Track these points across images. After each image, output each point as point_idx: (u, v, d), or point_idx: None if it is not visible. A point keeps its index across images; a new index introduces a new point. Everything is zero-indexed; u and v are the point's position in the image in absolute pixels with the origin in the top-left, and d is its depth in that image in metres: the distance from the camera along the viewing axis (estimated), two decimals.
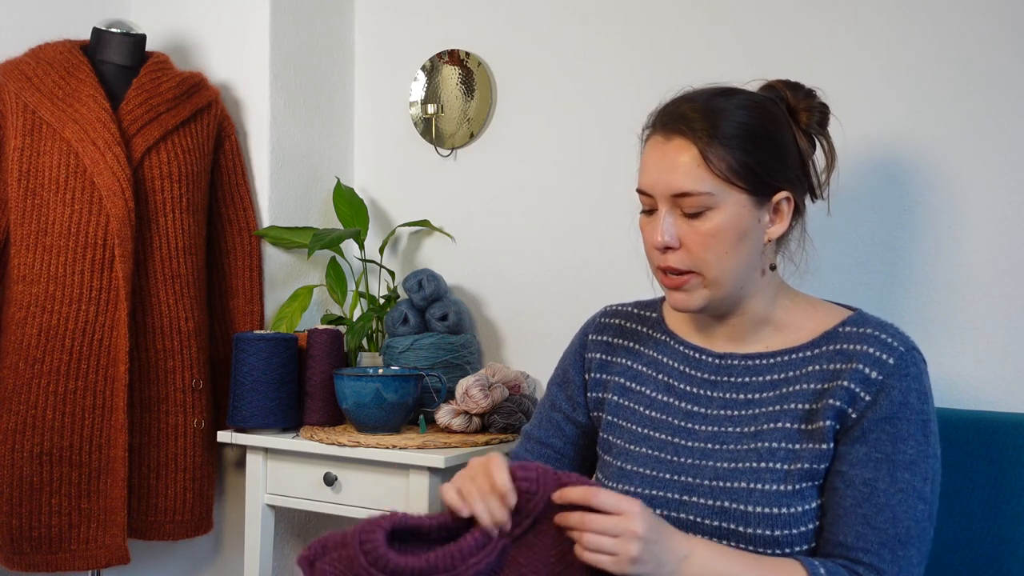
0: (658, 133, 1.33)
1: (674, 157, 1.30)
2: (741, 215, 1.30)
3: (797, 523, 1.26)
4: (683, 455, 1.34)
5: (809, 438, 1.28)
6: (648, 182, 1.33)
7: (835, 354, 1.32)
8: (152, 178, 2.13)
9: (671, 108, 1.34)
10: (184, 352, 2.17)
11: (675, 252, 1.32)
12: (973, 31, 1.79)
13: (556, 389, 1.53)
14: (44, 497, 2.04)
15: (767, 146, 1.32)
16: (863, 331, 1.32)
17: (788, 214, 1.35)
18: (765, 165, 1.31)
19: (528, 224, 2.29)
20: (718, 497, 1.29)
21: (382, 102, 2.50)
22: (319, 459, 2.05)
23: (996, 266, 1.77)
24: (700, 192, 1.28)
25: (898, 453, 1.25)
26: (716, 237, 1.29)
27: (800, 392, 1.32)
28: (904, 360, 1.28)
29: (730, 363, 1.38)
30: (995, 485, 1.56)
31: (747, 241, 1.31)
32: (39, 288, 2.05)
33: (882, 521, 1.23)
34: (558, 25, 2.25)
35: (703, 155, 1.28)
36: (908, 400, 1.27)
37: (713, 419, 1.36)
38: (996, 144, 1.77)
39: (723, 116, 1.30)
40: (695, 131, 1.29)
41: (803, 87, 1.42)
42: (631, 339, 1.48)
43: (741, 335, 1.39)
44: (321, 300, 2.45)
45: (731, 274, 1.32)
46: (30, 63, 2.13)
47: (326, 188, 2.46)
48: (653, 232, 1.33)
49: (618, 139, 2.16)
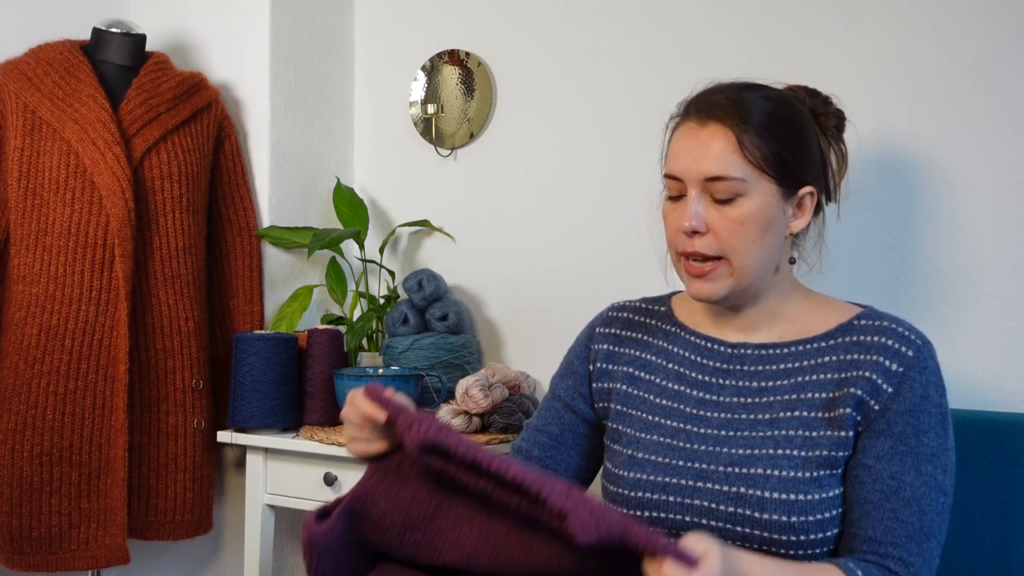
0: (691, 120, 1.35)
1: (709, 142, 1.32)
2: (769, 205, 1.32)
3: (813, 510, 1.26)
4: (696, 442, 1.35)
5: (828, 425, 1.29)
6: (680, 166, 1.34)
7: (852, 345, 1.33)
8: (152, 178, 2.13)
9: (704, 97, 1.36)
10: (184, 352, 2.17)
11: (702, 238, 1.32)
12: (974, 30, 1.79)
13: (559, 379, 1.54)
14: (44, 497, 2.04)
15: (796, 139, 1.35)
16: (879, 324, 1.33)
17: (810, 209, 1.38)
18: (794, 157, 1.33)
19: (528, 224, 2.29)
20: (733, 483, 1.29)
21: (382, 102, 2.50)
22: (319, 459, 2.05)
23: (996, 266, 1.77)
24: (733, 177, 1.30)
25: (921, 446, 1.27)
26: (745, 224, 1.31)
27: (818, 382, 1.32)
28: (922, 353, 1.30)
29: (743, 352, 1.39)
30: (997, 485, 1.56)
31: (772, 232, 1.33)
32: (39, 288, 2.05)
33: (909, 515, 1.24)
34: (558, 25, 2.25)
35: (739, 141, 1.30)
36: (928, 393, 1.29)
37: (726, 406, 1.36)
38: (996, 144, 1.77)
39: (756, 106, 1.33)
40: (731, 118, 1.31)
41: (821, 93, 1.45)
42: (639, 331, 1.49)
43: (754, 326, 1.40)
44: (321, 300, 2.45)
45: (756, 263, 1.33)
46: (30, 63, 2.12)
47: (326, 188, 2.46)
48: (681, 217, 1.33)
49: (618, 139, 2.16)
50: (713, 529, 1.29)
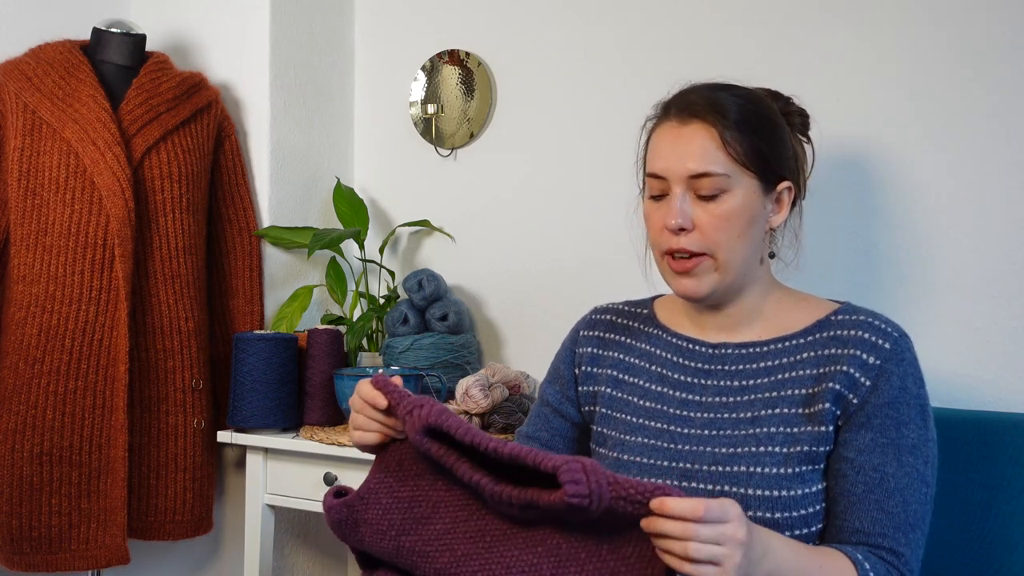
0: (671, 119, 1.36)
1: (691, 139, 1.33)
2: (752, 200, 1.34)
3: (797, 506, 1.27)
4: (680, 442, 1.36)
5: (808, 421, 1.30)
6: (664, 165, 1.35)
7: (829, 340, 1.34)
8: (152, 178, 2.13)
9: (682, 97, 1.38)
10: (184, 352, 2.17)
11: (688, 235, 1.33)
12: (974, 27, 1.79)
13: (547, 386, 1.55)
14: (44, 497, 2.04)
15: (772, 135, 1.37)
16: (856, 318, 1.34)
17: (787, 204, 1.40)
18: (772, 152, 1.35)
19: (528, 224, 2.29)
20: (718, 482, 1.30)
21: (382, 102, 2.50)
22: (319, 459, 2.05)
23: (996, 266, 1.77)
24: (717, 173, 1.32)
25: (902, 437, 1.28)
26: (730, 220, 1.32)
27: (797, 378, 1.34)
28: (899, 345, 1.31)
29: (724, 352, 1.40)
30: (994, 485, 1.56)
31: (755, 227, 1.35)
32: (39, 288, 2.05)
33: (894, 505, 1.26)
34: (558, 25, 2.25)
35: (722, 138, 1.32)
36: (906, 384, 1.30)
37: (709, 406, 1.37)
38: (996, 144, 1.77)
39: (734, 104, 1.35)
40: (712, 116, 1.33)
41: (782, 94, 1.48)
42: (622, 333, 1.50)
43: (735, 325, 1.41)
44: (321, 300, 2.45)
45: (740, 258, 1.34)
46: (30, 63, 2.12)
47: (326, 188, 2.46)
48: (666, 215, 1.34)
49: (618, 138, 2.16)
50: None
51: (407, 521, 1.21)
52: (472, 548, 1.16)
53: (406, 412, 1.20)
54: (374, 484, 1.26)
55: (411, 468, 1.24)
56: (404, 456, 1.26)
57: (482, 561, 1.15)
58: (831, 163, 1.85)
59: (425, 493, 1.22)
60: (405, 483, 1.24)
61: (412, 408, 1.19)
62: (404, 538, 1.21)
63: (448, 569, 1.16)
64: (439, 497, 1.21)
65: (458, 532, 1.18)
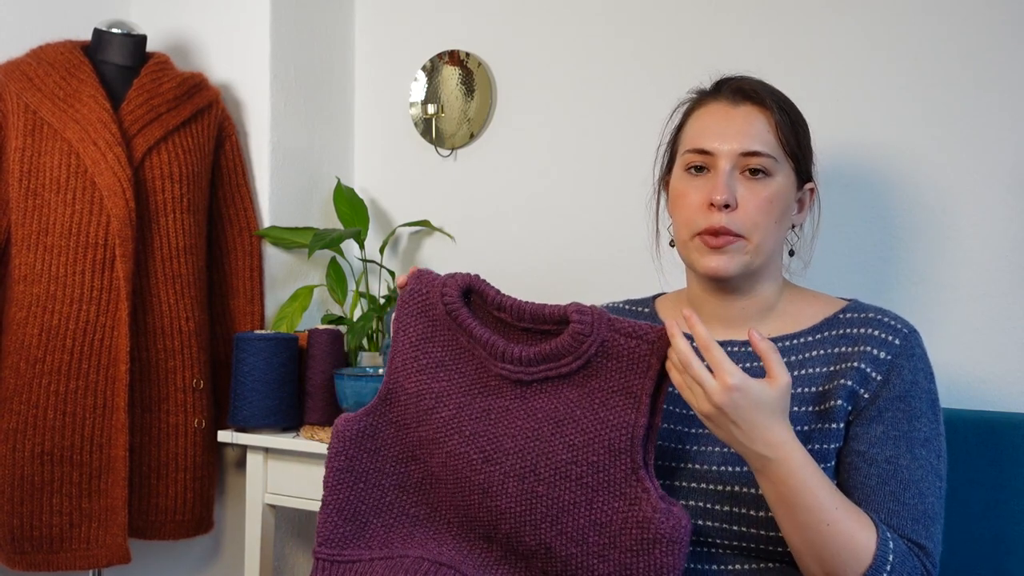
0: (720, 100, 1.38)
1: (746, 119, 1.35)
2: (788, 190, 1.36)
3: None
4: (688, 442, 1.35)
5: (819, 419, 1.29)
6: (714, 142, 1.35)
7: (839, 338, 1.33)
8: (153, 178, 2.13)
9: (732, 81, 1.40)
10: (185, 352, 2.17)
11: (730, 213, 1.33)
12: (978, 26, 1.79)
13: None
14: (45, 497, 2.04)
15: (806, 137, 1.40)
16: (865, 316, 1.34)
17: (809, 205, 1.43)
18: (803, 152, 1.39)
19: (528, 224, 2.29)
20: (727, 482, 1.29)
21: (382, 102, 2.50)
22: (319, 459, 2.05)
23: (996, 266, 1.77)
24: (768, 154, 1.33)
25: (914, 431, 1.27)
26: (772, 203, 1.33)
27: (807, 376, 1.33)
28: (909, 341, 1.31)
29: (730, 351, 1.38)
30: (995, 485, 1.56)
31: (786, 218, 1.38)
32: (40, 288, 2.06)
33: (910, 497, 1.24)
34: (558, 25, 2.25)
35: (774, 122, 1.35)
36: (917, 379, 1.29)
37: None
38: (997, 143, 1.78)
39: (779, 98, 1.38)
40: (767, 100, 1.36)
41: None
42: None
43: (742, 323, 1.40)
44: (321, 300, 2.46)
45: (771, 244, 1.35)
46: (31, 63, 2.13)
47: (326, 188, 2.46)
48: (712, 190, 1.33)
49: (618, 138, 2.16)
50: (709, 529, 1.29)
51: (420, 413, 1.30)
52: (479, 427, 1.26)
53: (441, 283, 1.31)
54: (386, 390, 1.34)
55: (411, 365, 1.32)
56: (406, 356, 1.33)
57: (489, 436, 1.25)
58: (831, 163, 1.85)
59: (428, 387, 1.30)
60: (409, 378, 1.32)
61: (445, 279, 1.31)
62: (421, 429, 1.30)
63: (459, 448, 1.26)
64: (441, 388, 1.29)
65: (463, 416, 1.27)
